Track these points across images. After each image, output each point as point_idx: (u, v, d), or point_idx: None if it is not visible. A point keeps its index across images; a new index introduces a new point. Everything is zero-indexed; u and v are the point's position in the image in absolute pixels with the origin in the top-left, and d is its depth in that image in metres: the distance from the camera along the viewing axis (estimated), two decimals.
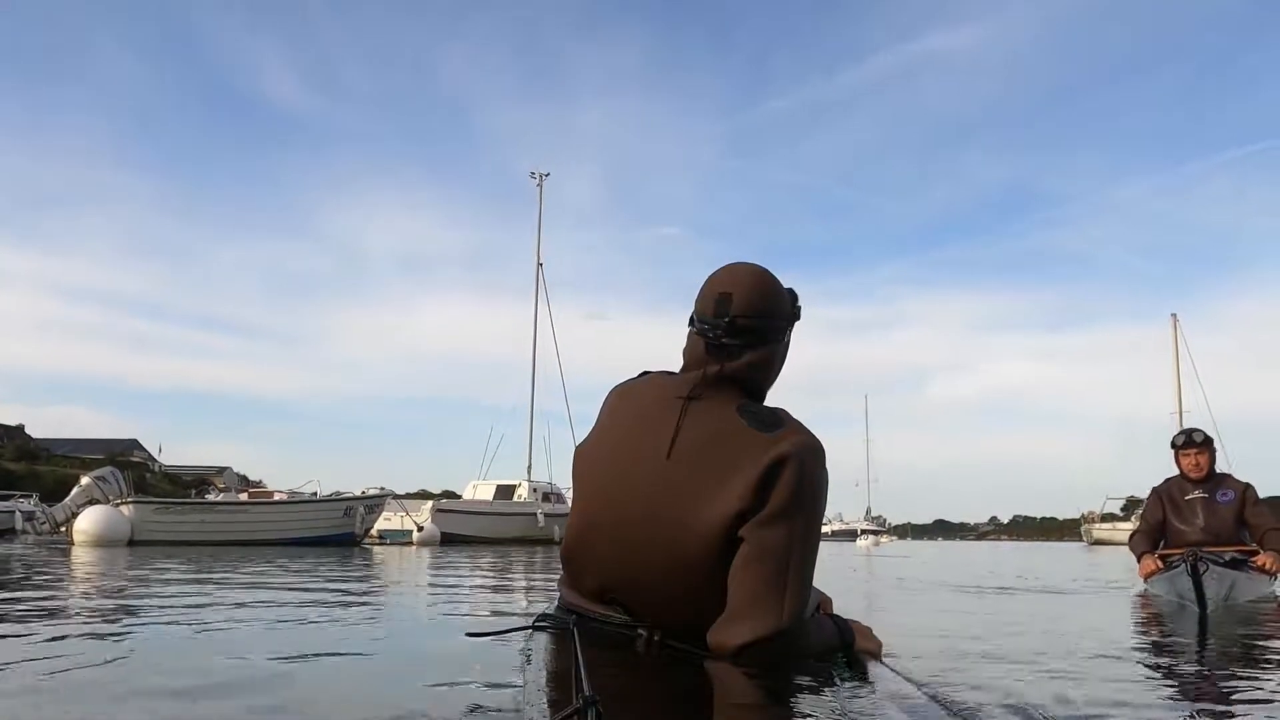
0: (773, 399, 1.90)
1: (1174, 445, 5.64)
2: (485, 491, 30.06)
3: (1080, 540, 54.58)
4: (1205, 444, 5.53)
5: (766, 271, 1.92)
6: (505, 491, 29.82)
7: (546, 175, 35.49)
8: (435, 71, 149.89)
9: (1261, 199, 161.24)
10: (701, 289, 1.89)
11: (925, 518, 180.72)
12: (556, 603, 1.98)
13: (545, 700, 1.34)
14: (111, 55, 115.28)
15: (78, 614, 3.77)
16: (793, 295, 1.95)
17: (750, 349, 1.84)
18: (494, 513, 27.20)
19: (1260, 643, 3.43)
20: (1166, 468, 5.75)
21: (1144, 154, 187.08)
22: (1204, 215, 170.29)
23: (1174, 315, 53.21)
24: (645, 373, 1.98)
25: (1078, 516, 65.99)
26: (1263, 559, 5.17)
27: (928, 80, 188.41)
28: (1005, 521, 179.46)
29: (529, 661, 1.58)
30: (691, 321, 1.89)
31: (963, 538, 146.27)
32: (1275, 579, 5.31)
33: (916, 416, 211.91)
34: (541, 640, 1.73)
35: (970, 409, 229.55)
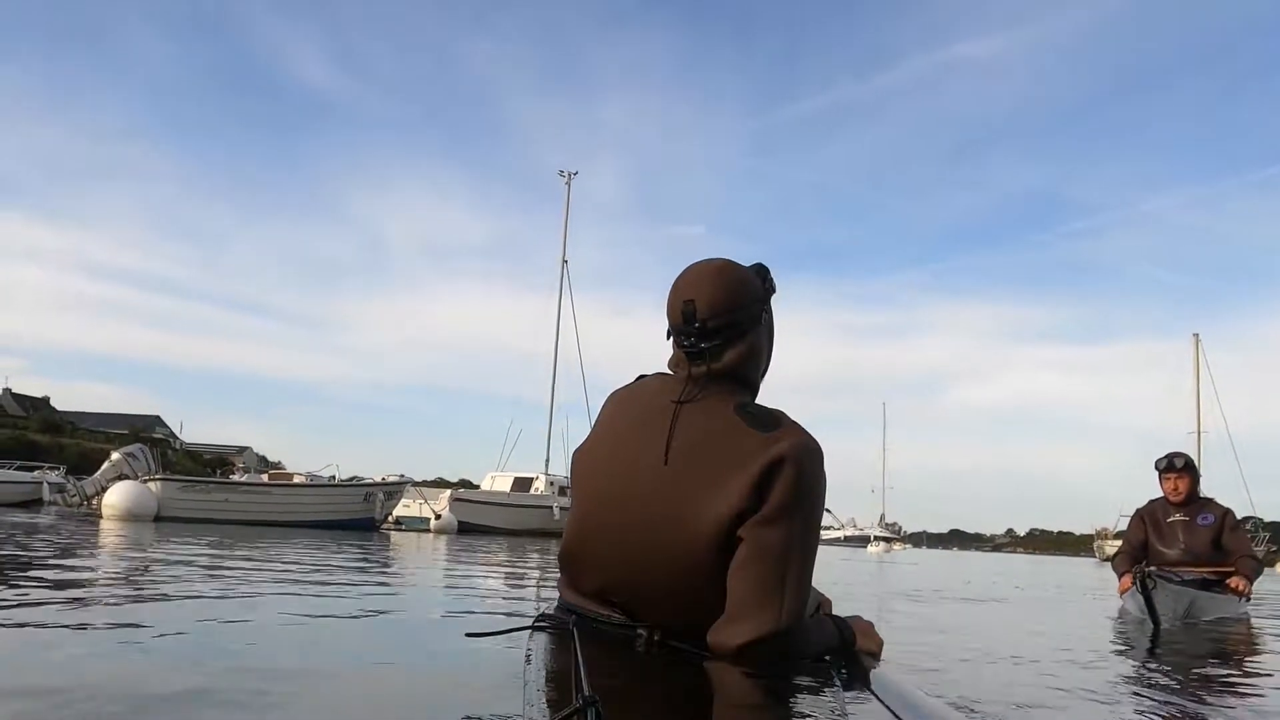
0: (790, 403, 1.91)
1: (1157, 468, 5.78)
2: (503, 483, 30.43)
3: (1094, 556, 54.40)
4: (1186, 469, 5.67)
5: (725, 263, 1.89)
6: (522, 484, 30.15)
7: (575, 174, 35.85)
8: (463, 62, 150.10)
9: None
10: (667, 299, 1.88)
11: (941, 527, 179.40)
12: (556, 603, 1.98)
13: (545, 700, 1.33)
14: (142, 32, 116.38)
15: (107, 584, 4.05)
16: (762, 272, 1.94)
17: (729, 345, 1.83)
18: (511, 504, 27.53)
19: (1183, 656, 3.63)
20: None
21: (1174, 166, 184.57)
22: (1234, 231, 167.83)
23: (1195, 335, 53.12)
24: (642, 376, 1.98)
25: (1092, 532, 65.72)
26: (1234, 581, 5.35)
27: (956, 85, 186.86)
28: (1021, 534, 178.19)
29: (529, 661, 1.56)
30: (668, 334, 1.89)
31: (978, 548, 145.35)
32: (1246, 600, 5.49)
33: (934, 424, 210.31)
34: (541, 640, 1.72)
35: (989, 419, 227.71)
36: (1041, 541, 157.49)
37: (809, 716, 1.39)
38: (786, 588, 1.66)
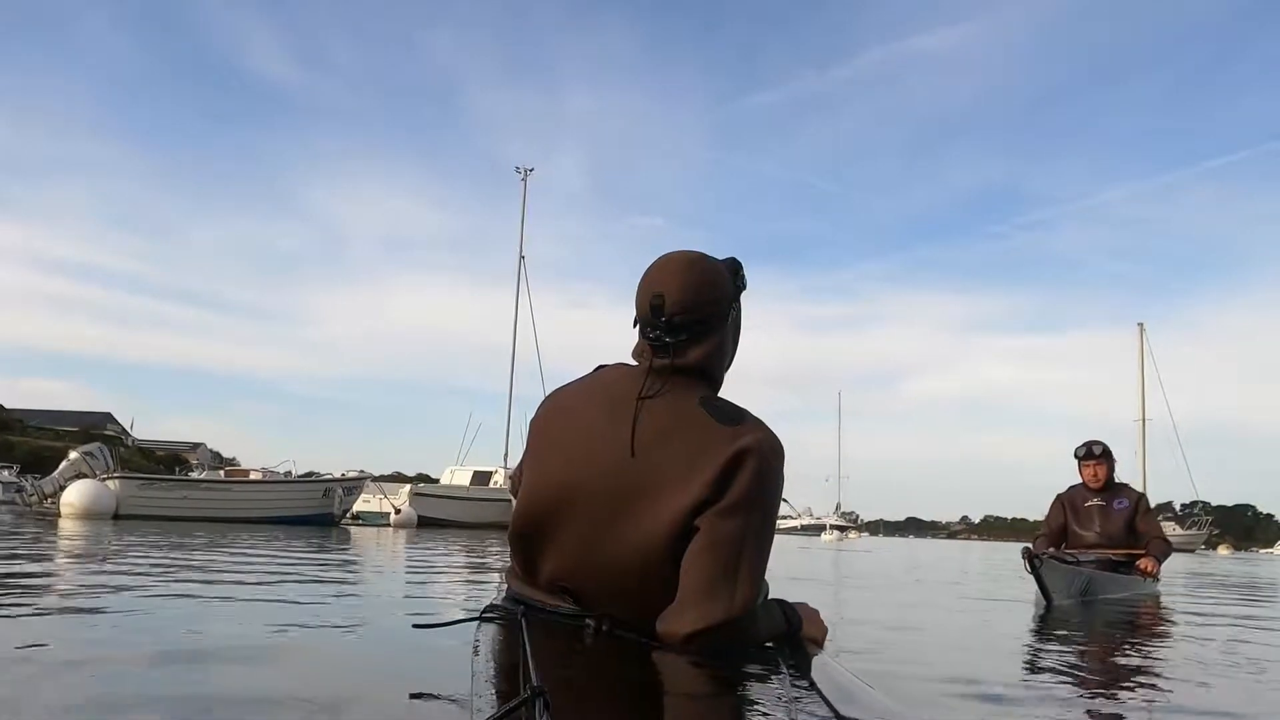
0: (746, 393, 1.94)
1: (1076, 456, 6.16)
2: (462, 477, 30.61)
3: None
4: (1104, 456, 6.05)
5: (699, 258, 1.86)
6: (482, 478, 30.32)
7: (531, 170, 35.94)
8: (423, 53, 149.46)
9: (1241, 209, 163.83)
10: (637, 291, 1.86)
11: (898, 515, 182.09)
12: (504, 593, 1.97)
13: (493, 691, 1.32)
14: (93, 23, 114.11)
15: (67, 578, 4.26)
16: (734, 267, 1.91)
17: (696, 342, 1.82)
18: (470, 498, 27.66)
19: (1068, 630, 3.92)
20: (1128, 470, 6.28)
21: (1127, 159, 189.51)
22: (1183, 223, 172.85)
23: (1140, 324, 54.58)
24: (601, 366, 1.97)
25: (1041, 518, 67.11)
26: (1144, 563, 5.75)
27: (916, 79, 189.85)
28: (976, 521, 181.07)
29: (477, 653, 1.53)
30: (635, 323, 1.88)
31: (934, 536, 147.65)
32: (1155, 581, 5.91)
33: (891, 414, 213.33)
34: (490, 631, 1.70)
35: (945, 408, 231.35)
36: (996, 528, 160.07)
37: (753, 705, 1.40)
38: (739, 578, 1.66)
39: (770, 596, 1.97)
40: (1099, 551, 5.77)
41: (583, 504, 1.76)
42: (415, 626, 1.90)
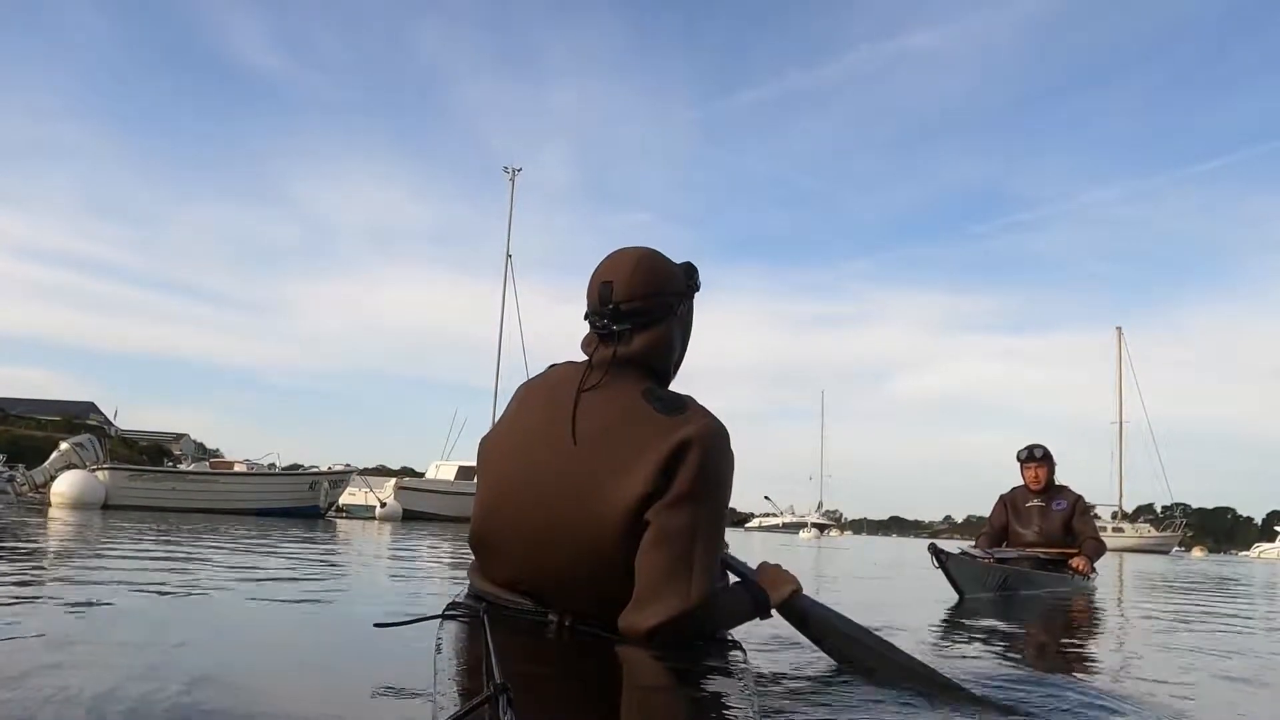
0: (728, 388, 2.06)
1: (1019, 459, 6.47)
2: (448, 471, 30.95)
3: None
4: (1044, 459, 6.38)
5: (650, 253, 1.90)
6: (466, 472, 30.57)
7: (519, 170, 36.15)
8: (410, 45, 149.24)
9: (1223, 213, 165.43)
10: (588, 284, 1.90)
11: (881, 514, 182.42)
12: (467, 590, 1.98)
13: (456, 689, 1.32)
14: (78, 8, 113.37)
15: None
16: (689, 270, 1.96)
17: (640, 331, 1.85)
18: (455, 492, 27.91)
19: (970, 616, 4.10)
20: (1105, 472, 6.50)
21: (1111, 161, 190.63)
22: (1165, 226, 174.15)
23: (1118, 328, 55.71)
24: (553, 365, 1.99)
25: None
26: (1076, 561, 6.09)
27: (903, 77, 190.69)
28: (959, 521, 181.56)
29: (439, 650, 1.54)
30: (586, 316, 1.91)
31: (917, 535, 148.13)
32: (1088, 578, 6.22)
33: (875, 413, 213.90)
34: (452, 629, 1.69)
35: (929, 408, 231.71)
36: (978, 528, 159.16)
37: (719, 695, 1.41)
38: (694, 569, 1.67)
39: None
40: (1032, 550, 6.06)
41: (530, 505, 1.78)
42: (376, 625, 1.86)
